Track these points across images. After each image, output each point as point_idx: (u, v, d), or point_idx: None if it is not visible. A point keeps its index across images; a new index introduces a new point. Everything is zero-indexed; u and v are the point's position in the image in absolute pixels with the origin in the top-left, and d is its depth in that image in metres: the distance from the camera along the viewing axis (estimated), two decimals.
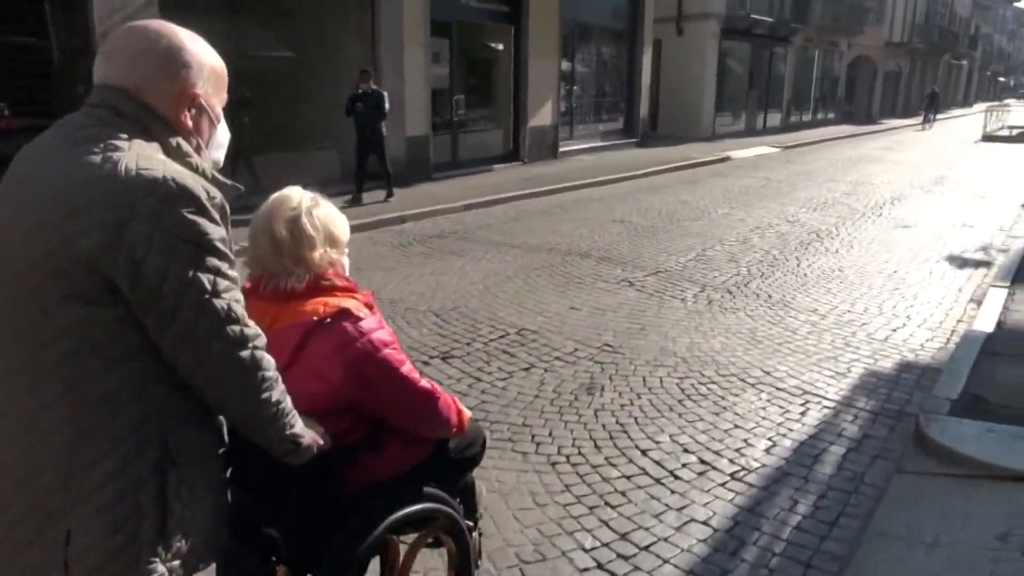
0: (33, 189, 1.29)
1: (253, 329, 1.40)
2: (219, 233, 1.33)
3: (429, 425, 1.98)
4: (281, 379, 1.48)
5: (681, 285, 6.52)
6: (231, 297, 1.35)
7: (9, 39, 7.97)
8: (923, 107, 32.34)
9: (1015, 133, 25.60)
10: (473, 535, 2.23)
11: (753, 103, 26.32)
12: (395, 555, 2.07)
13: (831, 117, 32.17)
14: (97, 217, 1.23)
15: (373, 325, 1.79)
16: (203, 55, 1.45)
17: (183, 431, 1.39)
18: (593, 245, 8.13)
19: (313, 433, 1.60)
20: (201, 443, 1.43)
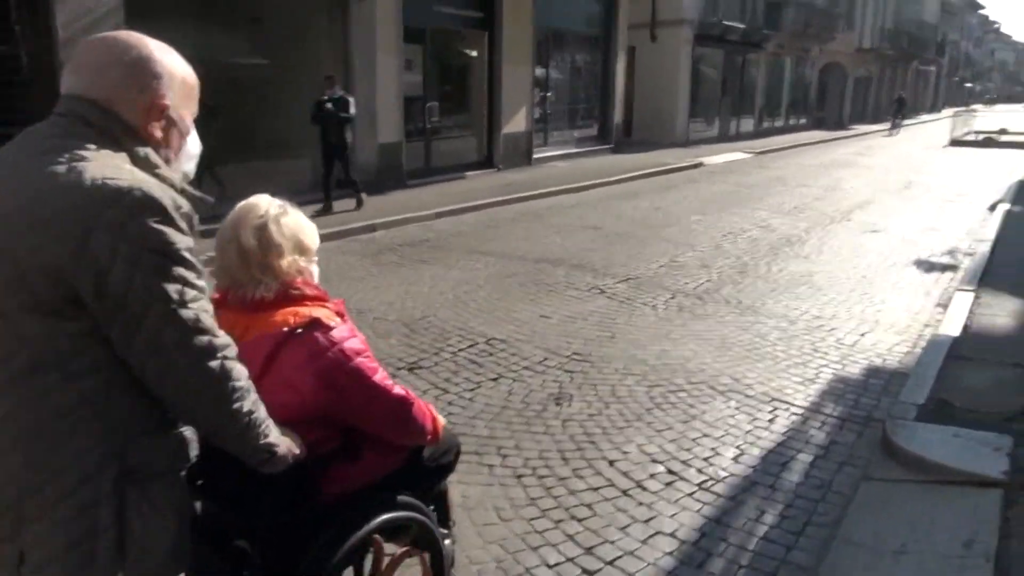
0: None
1: (223, 339, 1.37)
2: (186, 243, 1.31)
3: (404, 433, 1.96)
4: (254, 388, 1.46)
5: (652, 292, 6.51)
6: (199, 307, 1.33)
7: None
8: (891, 112, 32.83)
9: (981, 138, 26.06)
10: (447, 543, 2.23)
11: (726, 109, 26.53)
12: (380, 554, 2.04)
13: (803, 123, 32.51)
14: (61, 227, 1.22)
15: (345, 334, 1.78)
16: (174, 66, 1.44)
17: (146, 447, 1.35)
18: (565, 252, 8.10)
19: (289, 441, 1.58)
20: (164, 459, 1.41)
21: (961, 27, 70.02)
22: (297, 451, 1.61)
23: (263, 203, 1.85)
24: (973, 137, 26.64)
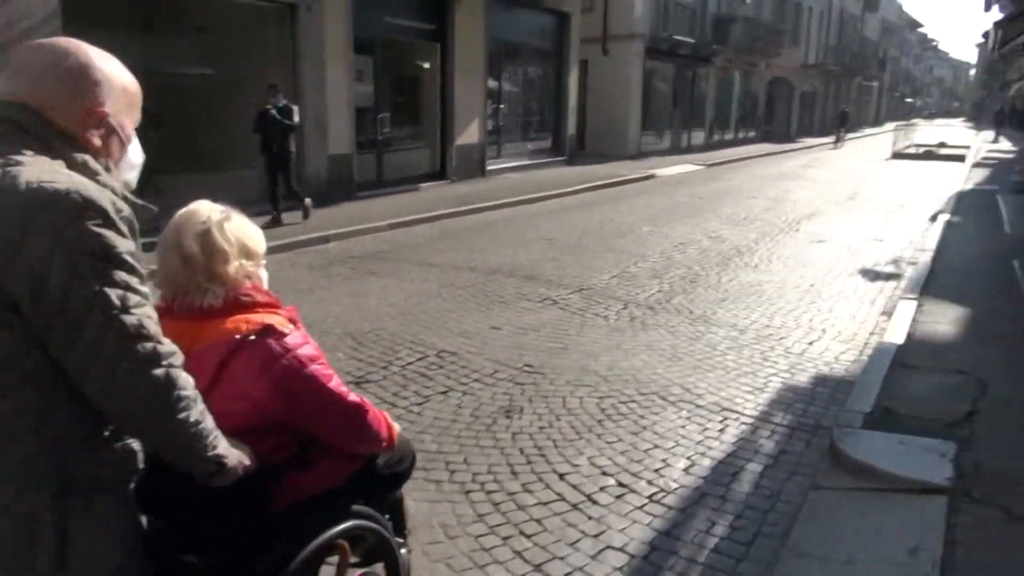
0: None
1: (167, 346, 1.33)
2: (127, 246, 1.27)
3: (359, 440, 1.93)
4: (201, 399, 1.41)
5: (604, 302, 6.50)
6: (142, 313, 1.28)
7: None
8: (835, 126, 33.72)
9: (922, 151, 26.90)
10: (403, 552, 2.18)
11: (678, 122, 26.93)
12: (345, 559, 1.97)
13: (752, 136, 33.18)
14: None
15: (298, 340, 1.75)
16: (113, 73, 1.41)
17: (88, 459, 1.31)
18: (518, 263, 8.06)
19: (239, 453, 1.54)
20: (109, 472, 1.35)
21: (901, 44, 72.49)
22: (247, 463, 1.57)
23: (204, 209, 1.80)
24: (914, 150, 27.47)
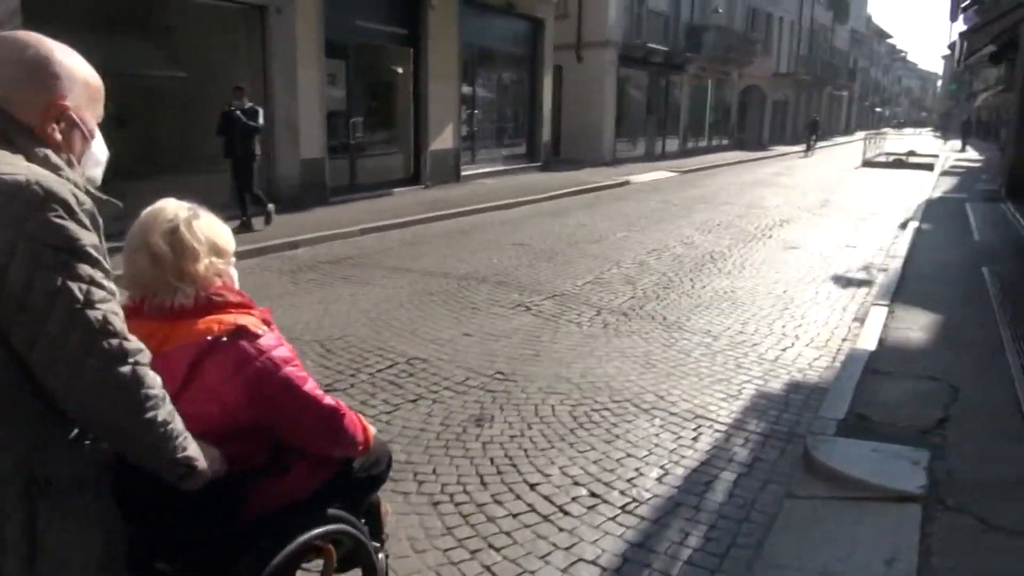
0: None
1: (134, 343, 1.29)
2: (91, 239, 1.23)
3: (335, 443, 1.88)
4: (170, 399, 1.37)
5: (578, 309, 6.44)
6: (107, 308, 1.22)
7: None
8: (806, 134, 34.12)
9: (891, 160, 27.30)
10: (379, 556, 2.13)
11: (652, 129, 27.08)
12: (331, 561, 1.92)
13: (725, 143, 33.48)
14: None
15: (272, 342, 1.70)
16: (75, 67, 1.38)
17: (57, 457, 1.27)
18: (491, 269, 7.98)
19: (209, 456, 1.50)
20: (81, 470, 1.29)
21: (871, 55, 73.68)
22: (218, 467, 1.54)
23: (171, 207, 1.76)
24: (884, 159, 27.87)
